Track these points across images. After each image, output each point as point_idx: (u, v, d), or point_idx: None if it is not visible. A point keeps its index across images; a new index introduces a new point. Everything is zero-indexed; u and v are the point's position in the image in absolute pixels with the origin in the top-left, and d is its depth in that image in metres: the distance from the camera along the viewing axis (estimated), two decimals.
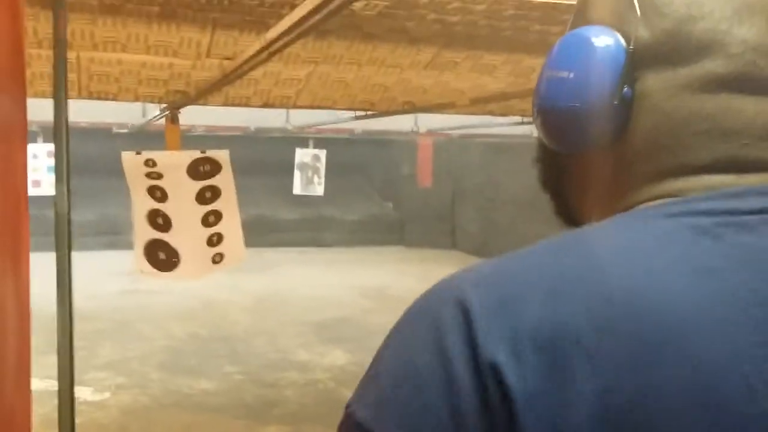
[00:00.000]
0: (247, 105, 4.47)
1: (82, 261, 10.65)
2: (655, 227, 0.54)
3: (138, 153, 3.97)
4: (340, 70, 4.09)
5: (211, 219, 4.04)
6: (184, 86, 4.11)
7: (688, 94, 0.58)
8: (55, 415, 4.75)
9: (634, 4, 0.59)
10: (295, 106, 4.58)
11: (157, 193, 3.92)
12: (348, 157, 12.27)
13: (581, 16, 0.66)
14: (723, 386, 0.47)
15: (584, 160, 0.65)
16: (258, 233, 12.95)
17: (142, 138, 8.43)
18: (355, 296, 8.87)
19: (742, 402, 0.47)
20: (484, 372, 0.48)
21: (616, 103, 0.59)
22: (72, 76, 3.84)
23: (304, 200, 11.43)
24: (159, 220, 3.92)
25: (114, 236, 11.89)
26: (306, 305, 8.39)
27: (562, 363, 0.47)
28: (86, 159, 8.86)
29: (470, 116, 6.55)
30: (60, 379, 1.50)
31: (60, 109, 1.11)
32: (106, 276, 9.54)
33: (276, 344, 6.65)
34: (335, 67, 4.05)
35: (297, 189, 10.21)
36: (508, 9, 2.94)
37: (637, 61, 0.59)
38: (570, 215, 0.70)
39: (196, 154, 4.04)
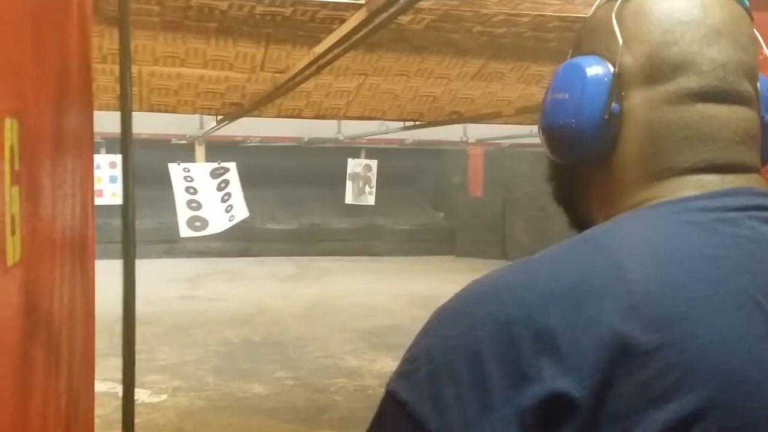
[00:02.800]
0: (299, 116, 4.62)
1: (141, 268, 10.96)
2: (656, 224, 0.62)
3: (179, 164, 7.01)
4: (389, 82, 4.19)
5: (225, 197, 6.98)
6: (240, 98, 4.27)
7: (668, 107, 0.66)
8: (115, 416, 4.93)
9: (617, 35, 0.68)
10: (345, 117, 4.70)
11: (191, 190, 6.82)
12: (399, 167, 12.35)
13: (577, 49, 0.75)
14: (734, 359, 0.54)
15: (587, 171, 0.73)
16: (310, 242, 13.14)
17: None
18: (404, 304, 8.93)
19: (751, 370, 0.54)
20: (521, 378, 0.53)
21: (606, 117, 0.68)
22: (133, 90, 4.04)
23: (356, 210, 11.57)
24: (194, 205, 6.79)
25: (172, 244, 12.21)
26: (356, 313, 8.48)
27: (600, 361, 0.53)
28: (146, 169, 9.14)
29: (519, 126, 6.58)
30: (124, 382, 1.60)
31: (126, 123, 1.21)
32: (165, 282, 9.82)
33: (327, 350, 6.76)
34: (384, 79, 4.16)
35: (349, 198, 10.36)
36: (552, 21, 2.99)
37: (624, 82, 0.68)
38: (583, 226, 0.77)
39: (215, 165, 7.15)
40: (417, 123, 5.08)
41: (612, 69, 0.68)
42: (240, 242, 12.60)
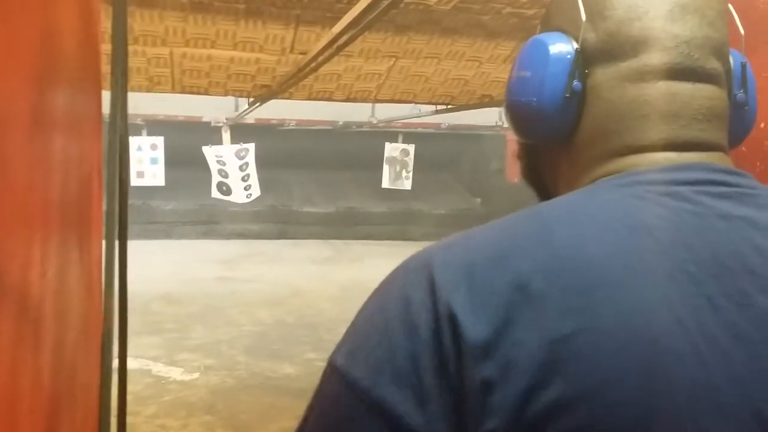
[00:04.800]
0: (330, 99, 4.61)
1: (179, 248, 11.16)
2: (599, 196, 0.61)
3: (210, 146, 8.51)
4: (419, 64, 4.16)
5: (245, 176, 8.52)
6: (270, 80, 4.28)
7: (630, 84, 0.64)
8: (146, 393, 5.04)
9: (581, 11, 0.66)
10: (376, 100, 4.68)
11: (221, 162, 8.45)
12: (436, 152, 12.30)
13: (545, 24, 0.73)
14: (657, 327, 0.53)
15: (552, 151, 0.72)
16: (346, 225, 13.19)
17: (236, 130, 8.80)
18: None
19: (675, 341, 0.52)
20: (442, 320, 0.54)
21: (567, 95, 0.66)
22: (165, 71, 4.08)
23: (393, 194, 11.55)
24: (223, 173, 8.42)
25: (211, 225, 12.38)
26: None
27: (512, 312, 0.53)
28: (185, 151, 9.27)
29: None
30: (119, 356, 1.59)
31: (116, 102, 1.21)
32: (202, 263, 9.97)
33: None
34: (415, 61, 4.13)
35: (386, 183, 10.35)
36: None
37: (587, 59, 0.66)
38: None
39: (238, 146, 8.58)
40: (449, 106, 5.04)
41: (575, 46, 0.67)
42: (277, 225, 12.72)
